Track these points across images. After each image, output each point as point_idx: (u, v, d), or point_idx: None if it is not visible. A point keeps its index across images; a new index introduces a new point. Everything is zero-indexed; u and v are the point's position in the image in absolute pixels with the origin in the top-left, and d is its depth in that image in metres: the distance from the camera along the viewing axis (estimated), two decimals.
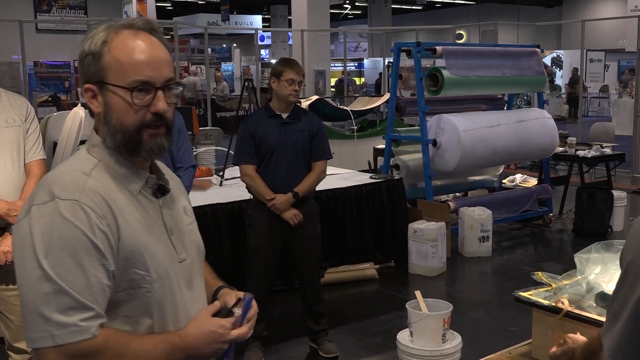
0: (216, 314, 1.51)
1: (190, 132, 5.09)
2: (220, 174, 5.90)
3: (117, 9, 14.98)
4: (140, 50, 1.41)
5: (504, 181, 8.05)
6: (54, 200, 1.33)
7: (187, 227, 1.57)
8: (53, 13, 17.69)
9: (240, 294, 1.60)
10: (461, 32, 23.56)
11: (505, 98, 7.85)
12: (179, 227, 1.53)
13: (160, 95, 1.43)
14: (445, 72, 6.39)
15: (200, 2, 26.16)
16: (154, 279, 1.40)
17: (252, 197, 4.05)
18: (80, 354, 1.30)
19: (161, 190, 1.51)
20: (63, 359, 1.29)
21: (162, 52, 1.45)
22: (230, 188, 5.53)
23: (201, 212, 4.74)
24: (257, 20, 27.17)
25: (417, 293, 3.50)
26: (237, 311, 1.51)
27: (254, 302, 1.57)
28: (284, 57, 5.91)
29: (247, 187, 4.01)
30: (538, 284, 2.39)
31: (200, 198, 4.92)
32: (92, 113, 1.48)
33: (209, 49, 14.85)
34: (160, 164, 1.59)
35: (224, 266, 4.75)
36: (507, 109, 7.80)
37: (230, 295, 1.61)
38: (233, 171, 5.63)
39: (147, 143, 1.43)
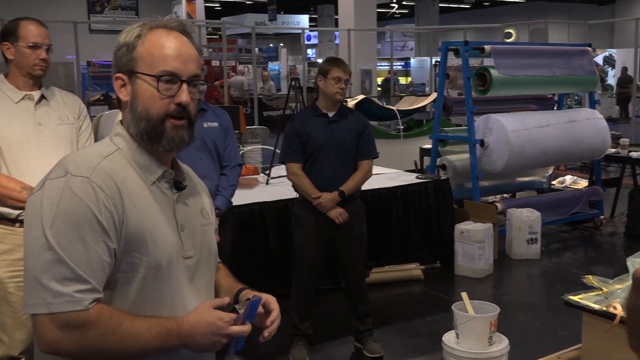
0: (221, 310, 1.50)
1: (237, 131, 5.14)
2: (267, 172, 5.95)
3: (167, 9, 15.23)
4: (170, 45, 1.50)
5: (553, 182, 7.91)
6: (67, 175, 1.38)
7: (200, 227, 1.59)
8: (105, 14, 18.09)
9: (262, 296, 1.60)
10: (510, 30, 23.19)
11: (556, 98, 7.70)
12: (191, 225, 1.56)
13: (184, 88, 1.49)
14: (493, 72, 6.31)
15: (247, 2, 26.40)
16: (153, 266, 1.43)
17: (298, 196, 4.07)
18: (71, 324, 1.33)
19: (177, 185, 1.54)
20: (55, 327, 1.33)
21: (190, 49, 1.53)
22: (277, 187, 5.57)
23: (247, 211, 4.79)
24: (303, 19, 27.28)
25: (464, 295, 3.47)
26: (241, 309, 1.51)
27: (275, 306, 1.58)
28: (330, 56, 5.91)
29: (293, 186, 4.03)
30: (588, 288, 2.33)
31: (246, 196, 4.97)
32: (119, 103, 1.54)
33: (256, 49, 14.97)
34: (184, 167, 1.63)
35: (270, 265, 4.79)
36: (558, 109, 7.65)
37: (253, 294, 1.62)
38: (279, 170, 5.67)
39: (169, 133, 1.48)
